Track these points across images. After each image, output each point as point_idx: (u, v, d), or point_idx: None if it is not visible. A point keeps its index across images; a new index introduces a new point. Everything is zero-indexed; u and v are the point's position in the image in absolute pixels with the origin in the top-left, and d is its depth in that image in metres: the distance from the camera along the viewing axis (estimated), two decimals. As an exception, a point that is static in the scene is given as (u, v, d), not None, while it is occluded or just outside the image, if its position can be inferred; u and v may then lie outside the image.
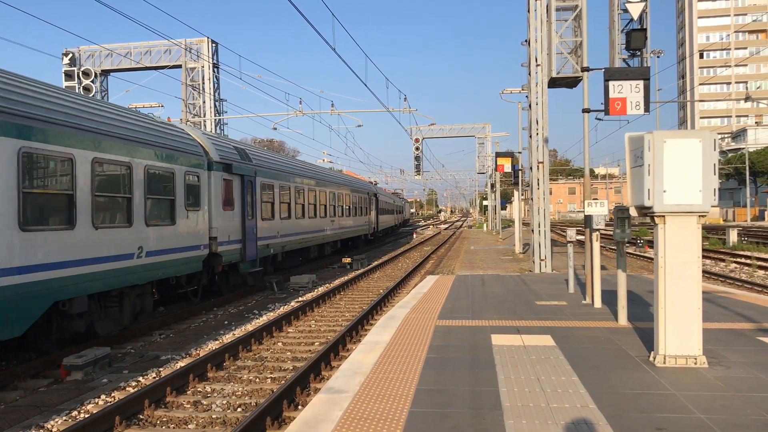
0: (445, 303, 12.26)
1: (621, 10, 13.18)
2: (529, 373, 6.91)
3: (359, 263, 26.99)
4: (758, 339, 8.47)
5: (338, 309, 15.78)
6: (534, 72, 19.72)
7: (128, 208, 11.94)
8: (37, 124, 9.56)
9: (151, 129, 13.36)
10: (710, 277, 21.12)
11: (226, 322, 14.21)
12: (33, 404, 8.29)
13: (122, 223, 11.76)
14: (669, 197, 6.94)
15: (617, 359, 7.48)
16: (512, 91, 33.56)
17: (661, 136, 6.98)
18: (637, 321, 9.83)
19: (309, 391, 8.51)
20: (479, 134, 64.52)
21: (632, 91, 10.75)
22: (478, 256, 30.14)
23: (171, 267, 13.68)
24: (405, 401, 5.96)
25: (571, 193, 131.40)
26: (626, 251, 10.15)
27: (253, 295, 18.75)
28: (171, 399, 8.29)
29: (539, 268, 20.06)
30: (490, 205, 64.68)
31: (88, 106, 11.46)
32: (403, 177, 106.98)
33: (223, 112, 41.76)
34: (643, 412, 5.55)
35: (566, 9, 17.67)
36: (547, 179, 20.23)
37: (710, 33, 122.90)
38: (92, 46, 40.02)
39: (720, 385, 6.32)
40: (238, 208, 17.68)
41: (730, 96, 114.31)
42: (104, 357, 10.07)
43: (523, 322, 10.01)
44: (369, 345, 8.51)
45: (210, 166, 15.95)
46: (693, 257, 7.01)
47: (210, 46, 40.49)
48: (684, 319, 7.03)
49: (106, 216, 11.27)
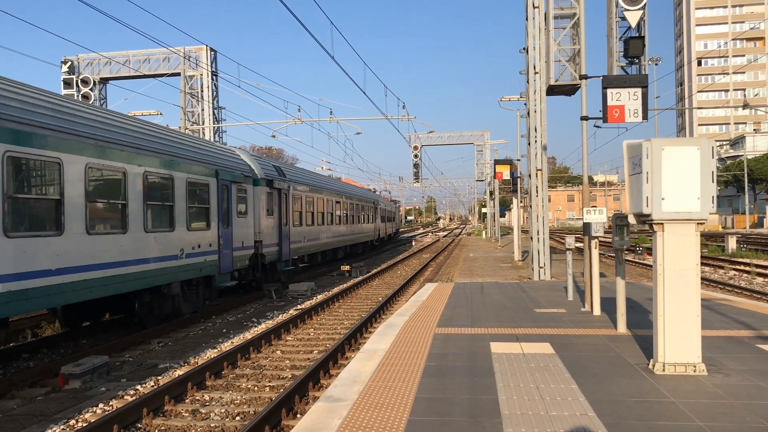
0: (444, 311, 12.25)
1: (619, 18, 13.22)
2: (528, 380, 6.90)
3: (358, 271, 26.95)
4: (758, 346, 8.46)
5: (337, 317, 15.76)
6: (532, 80, 19.76)
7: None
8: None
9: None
10: (709, 284, 21.10)
11: (224, 330, 14.18)
12: (31, 413, 8.25)
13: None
14: (667, 205, 6.94)
15: (616, 367, 7.47)
16: (511, 98, 33.69)
17: (659, 144, 6.99)
18: (636, 328, 9.82)
19: (308, 400, 8.49)
20: (478, 142, 64.65)
21: (630, 99, 10.77)
22: (477, 263, 30.12)
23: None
24: (404, 409, 5.94)
25: (570, 200, 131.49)
26: (625, 258, 10.14)
27: (252, 303, 18.72)
28: (169, 407, 8.26)
29: (538, 276, 20.05)
30: (489, 213, 64.74)
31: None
32: (402, 184, 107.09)
33: (221, 119, 41.81)
34: (643, 419, 5.53)
35: (564, 17, 17.74)
36: (546, 186, 20.24)
37: (708, 40, 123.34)
38: (91, 54, 40.09)
39: (719, 393, 6.31)
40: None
41: (728, 103, 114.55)
42: (102, 365, 10.04)
43: (522, 330, 9.99)
44: (368, 353, 8.49)
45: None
46: (692, 264, 7.01)
47: (209, 54, 40.59)
48: (683, 326, 7.02)
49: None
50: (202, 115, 40.59)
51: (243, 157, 19.46)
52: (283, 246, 21.34)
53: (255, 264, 19.22)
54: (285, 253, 21.53)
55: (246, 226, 18.17)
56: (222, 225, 16.22)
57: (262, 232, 19.33)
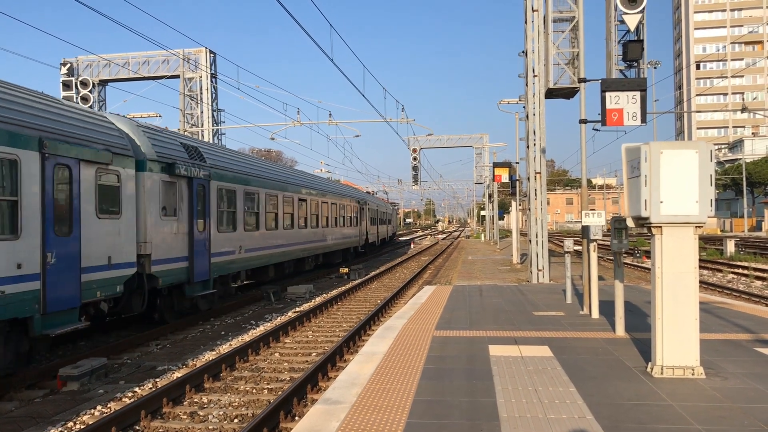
0: (443, 313, 12.24)
1: (618, 22, 13.25)
2: (526, 383, 6.90)
3: (357, 273, 27.00)
4: (756, 350, 8.47)
5: (335, 319, 15.75)
6: (531, 83, 19.79)
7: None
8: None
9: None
10: (708, 287, 21.12)
11: (223, 333, 14.17)
12: (28, 415, 8.24)
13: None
14: (666, 208, 6.95)
15: (615, 370, 7.47)
16: (510, 101, 33.68)
17: (658, 147, 7.00)
18: (634, 331, 9.82)
19: (306, 402, 8.48)
20: (477, 144, 64.68)
21: (629, 102, 10.79)
22: (476, 266, 30.12)
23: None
24: (402, 412, 5.94)
25: (569, 203, 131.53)
26: (623, 262, 10.15)
27: (250, 305, 18.70)
28: (167, 410, 8.25)
29: (537, 279, 20.05)
30: (488, 216, 64.77)
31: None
32: (401, 187, 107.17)
33: (220, 122, 41.85)
34: (641, 423, 5.54)
35: (563, 20, 17.77)
36: (545, 189, 20.25)
37: (707, 44, 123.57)
38: (90, 56, 40.13)
39: (717, 396, 6.31)
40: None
41: (727, 107, 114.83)
42: (100, 367, 10.03)
43: (520, 333, 9.99)
44: (366, 356, 8.49)
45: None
46: (690, 268, 7.01)
47: (208, 57, 40.62)
48: (681, 329, 7.02)
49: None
50: (201, 118, 40.61)
51: (118, 125, 12.98)
52: (197, 261, 14.89)
53: (139, 289, 13.07)
54: (200, 271, 15.09)
55: (115, 233, 11.87)
56: (53, 231, 10.07)
57: (153, 242, 13.18)
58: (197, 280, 14.98)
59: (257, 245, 19.41)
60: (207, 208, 15.68)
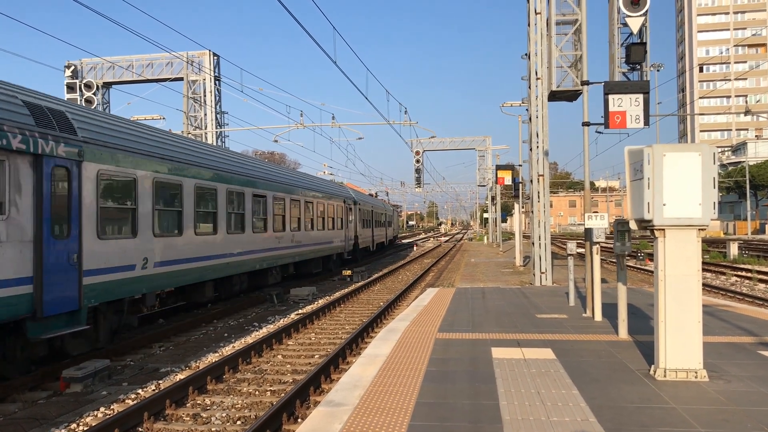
0: (446, 316, 12.24)
1: (621, 24, 13.27)
2: (529, 386, 6.90)
3: (359, 275, 27.11)
4: (759, 353, 8.45)
5: (338, 321, 15.76)
6: (534, 85, 19.80)
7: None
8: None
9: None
10: (711, 290, 21.08)
11: (225, 335, 14.18)
12: (32, 417, 8.26)
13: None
14: (669, 210, 6.95)
15: (618, 373, 7.47)
16: (512, 104, 33.73)
17: (661, 150, 7.01)
18: (637, 334, 9.81)
19: (309, 404, 8.48)
20: (479, 147, 64.68)
21: (632, 105, 10.80)
22: (479, 268, 30.10)
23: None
24: (405, 414, 5.95)
25: (572, 205, 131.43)
26: (626, 264, 10.14)
27: (254, 307, 18.72)
28: (170, 411, 8.26)
29: (540, 281, 20.04)
30: (491, 218, 64.70)
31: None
32: (404, 189, 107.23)
33: (224, 124, 41.91)
34: (644, 425, 5.53)
35: (566, 23, 17.79)
36: (548, 192, 20.25)
37: (710, 47, 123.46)
38: (94, 58, 40.24)
39: (721, 399, 6.30)
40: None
41: (730, 109, 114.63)
42: (103, 369, 10.05)
43: (523, 335, 9.99)
44: (369, 358, 8.50)
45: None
46: (693, 270, 7.01)
47: (212, 59, 40.70)
48: (684, 332, 7.02)
49: None
50: (204, 120, 40.67)
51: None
52: (51, 282, 9.62)
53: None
54: (58, 297, 9.76)
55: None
56: None
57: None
58: (51, 313, 9.64)
59: (179, 256, 13.97)
60: (74, 202, 10.37)
